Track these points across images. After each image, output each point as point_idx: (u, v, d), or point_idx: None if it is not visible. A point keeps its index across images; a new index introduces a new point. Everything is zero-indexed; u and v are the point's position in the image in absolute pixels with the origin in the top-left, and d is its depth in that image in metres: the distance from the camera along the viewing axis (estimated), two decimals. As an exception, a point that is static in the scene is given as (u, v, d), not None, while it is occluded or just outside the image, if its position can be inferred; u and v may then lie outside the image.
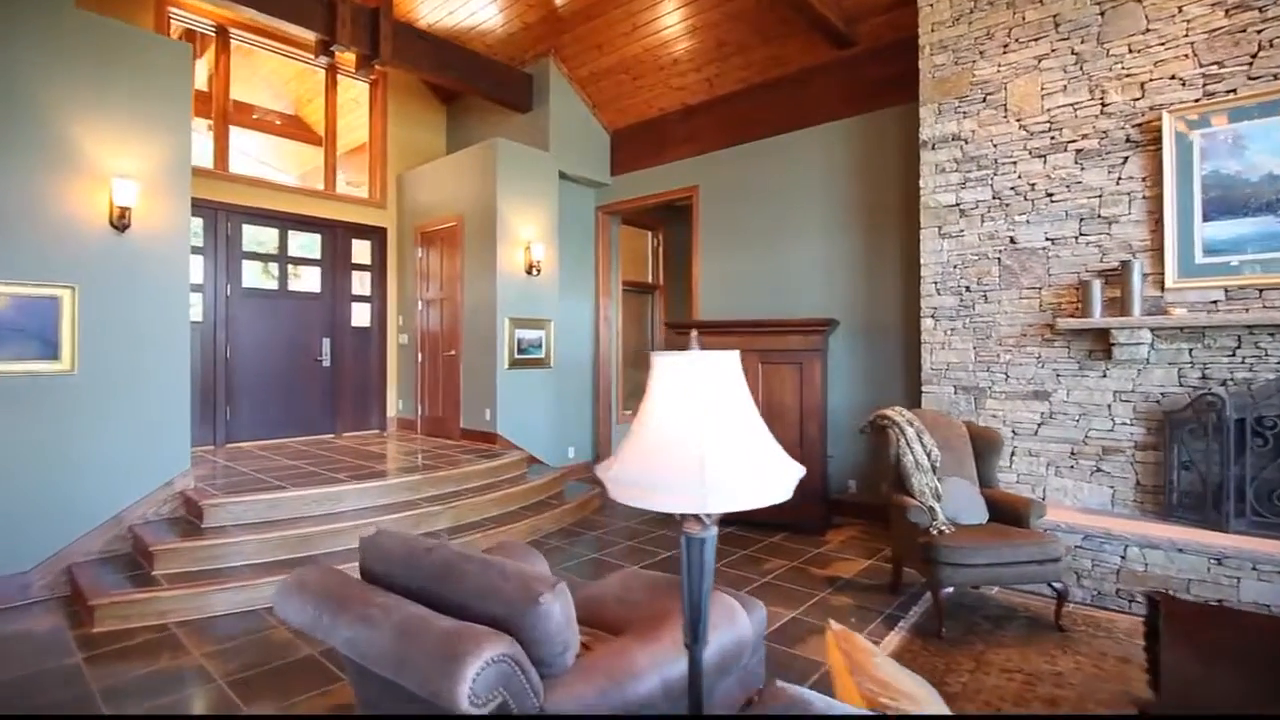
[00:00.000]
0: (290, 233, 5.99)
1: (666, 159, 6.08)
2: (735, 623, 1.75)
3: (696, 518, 1.17)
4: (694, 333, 1.33)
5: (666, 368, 1.20)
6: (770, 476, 1.12)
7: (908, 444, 3.26)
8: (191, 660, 2.65)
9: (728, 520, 4.70)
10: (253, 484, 4.00)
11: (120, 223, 3.51)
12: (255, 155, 7.86)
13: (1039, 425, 3.79)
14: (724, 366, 1.19)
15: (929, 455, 3.27)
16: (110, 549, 3.44)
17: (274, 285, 5.91)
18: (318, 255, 6.19)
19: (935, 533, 2.96)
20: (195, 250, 5.25)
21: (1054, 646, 2.78)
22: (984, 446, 3.47)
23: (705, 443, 1.09)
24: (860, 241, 4.86)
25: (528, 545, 2.04)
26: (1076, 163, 3.68)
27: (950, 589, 2.88)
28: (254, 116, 7.34)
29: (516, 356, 5.62)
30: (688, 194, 5.91)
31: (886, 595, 3.37)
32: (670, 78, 5.68)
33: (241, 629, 2.93)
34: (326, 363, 6.16)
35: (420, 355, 6.39)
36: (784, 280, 5.24)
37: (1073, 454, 3.69)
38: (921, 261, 4.20)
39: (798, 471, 1.16)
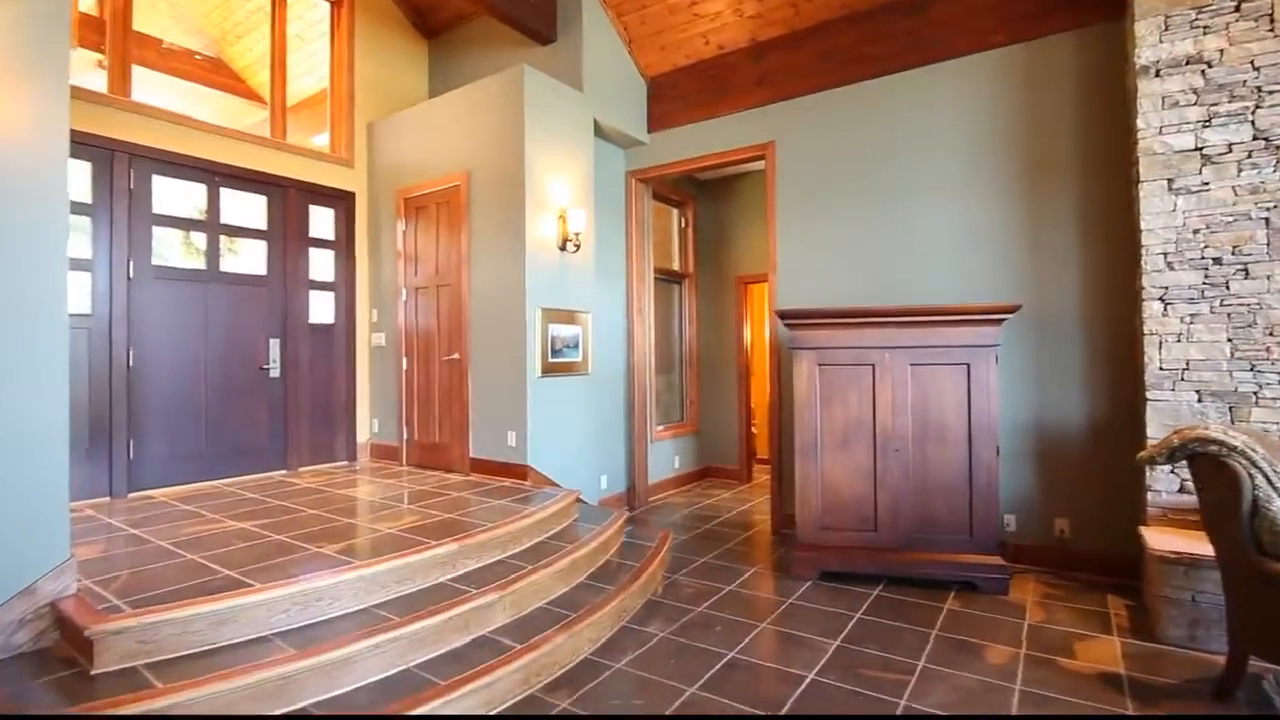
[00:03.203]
0: (223, 191, 4.33)
1: (726, 109, 4.83)
2: None
3: None
4: None
5: None
6: None
7: (1270, 483, 2.14)
8: None
9: (870, 577, 3.48)
10: (178, 576, 2.44)
11: (-76, 118, 1.91)
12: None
13: (1337, 443, 2.78)
14: None
15: (1294, 499, 2.16)
16: (-98, 731, 1.82)
17: (200, 264, 4.23)
18: (263, 224, 4.54)
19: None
20: (78, 210, 3.56)
21: None
22: (1334, 480, 2.39)
23: None
24: (1015, 205, 3.77)
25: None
26: (1391, 85, 2.71)
27: None
28: (163, 46, 5.56)
29: (550, 360, 4.20)
30: (758, 153, 4.68)
31: (1217, 704, 2.23)
32: (742, 2, 4.44)
33: None
34: (275, 372, 4.52)
35: (406, 361, 4.84)
36: (901, 259, 4.09)
37: (1393, 483, 2.70)
38: (1142, 226, 3.13)
39: None
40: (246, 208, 4.46)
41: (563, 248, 4.31)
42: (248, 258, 4.49)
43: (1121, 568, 3.42)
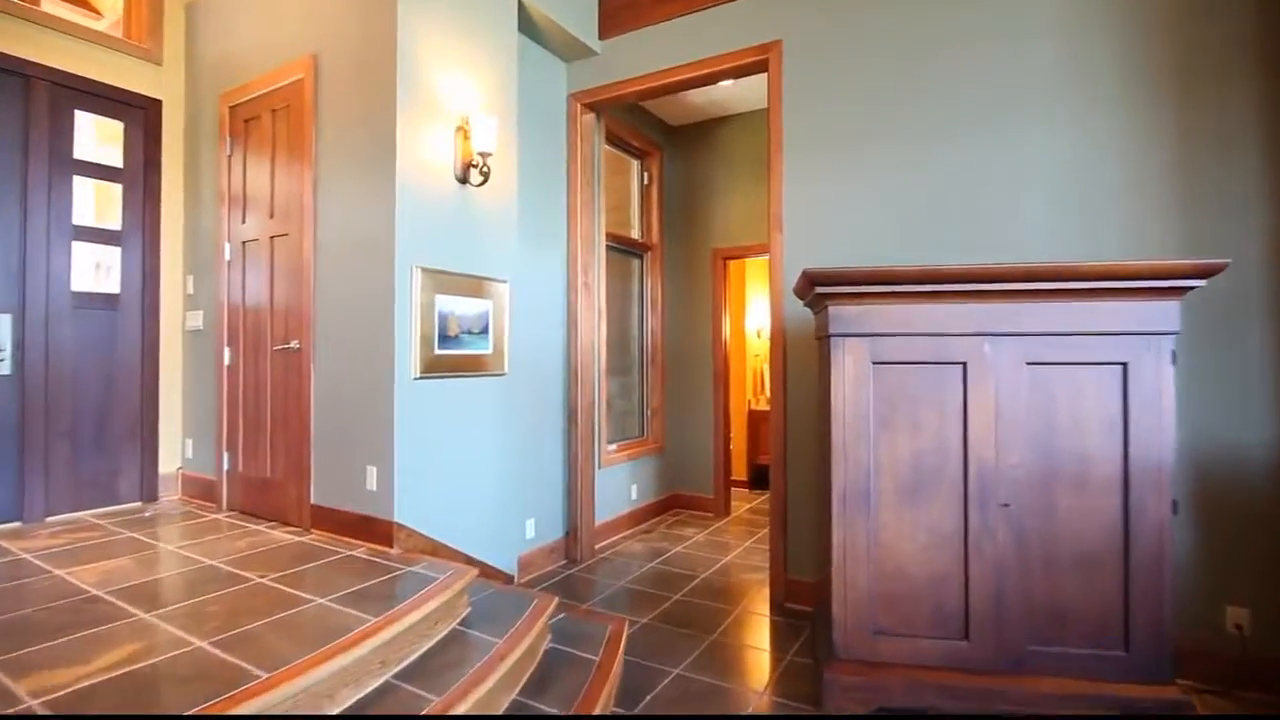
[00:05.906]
0: (-109, 69, 2.64)
1: (709, 0, 3.41)
2: None
3: None
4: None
5: None
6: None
7: None
8: None
9: (954, 718, 2.10)
10: None
11: None
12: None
13: None
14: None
15: None
16: None
17: None
18: (-22, 133, 2.87)
19: None
20: None
21: None
22: None
23: None
24: (1154, 125, 2.45)
25: None
26: None
27: None
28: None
29: (438, 352, 2.68)
30: (756, 58, 3.26)
31: None
32: None
33: None
34: (2, 368, 2.86)
35: (229, 352, 3.24)
36: (972, 206, 2.74)
37: None
38: None
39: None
40: (-50, 103, 2.78)
41: (463, 178, 2.80)
42: (-48, 183, 2.81)
43: (1344, 691, 2.15)
